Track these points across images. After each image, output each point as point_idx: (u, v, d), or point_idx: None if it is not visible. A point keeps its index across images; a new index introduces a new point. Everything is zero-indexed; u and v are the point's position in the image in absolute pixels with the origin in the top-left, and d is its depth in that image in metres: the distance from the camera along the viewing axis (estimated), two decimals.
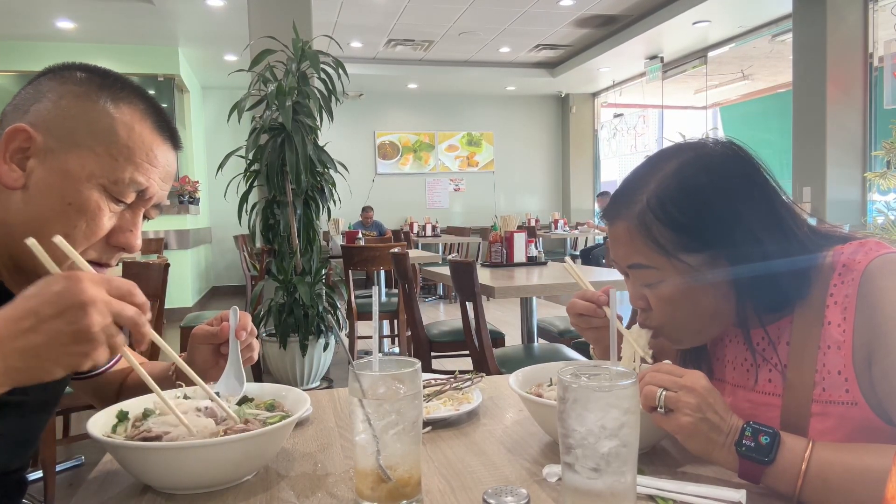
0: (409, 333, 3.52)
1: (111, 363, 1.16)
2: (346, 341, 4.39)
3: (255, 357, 1.02)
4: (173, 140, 0.91)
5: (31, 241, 0.67)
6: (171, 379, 1.06)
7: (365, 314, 4.42)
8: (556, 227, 9.63)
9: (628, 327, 0.99)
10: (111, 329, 0.64)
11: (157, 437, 0.80)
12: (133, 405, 0.90)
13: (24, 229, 0.79)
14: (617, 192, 0.96)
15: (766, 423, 0.78)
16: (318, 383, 4.30)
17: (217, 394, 0.93)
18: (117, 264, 0.92)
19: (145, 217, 0.91)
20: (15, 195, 0.81)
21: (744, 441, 0.77)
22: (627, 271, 0.95)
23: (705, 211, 0.87)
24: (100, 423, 0.85)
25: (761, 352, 0.93)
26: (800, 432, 0.82)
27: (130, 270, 2.43)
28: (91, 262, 0.85)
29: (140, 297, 0.68)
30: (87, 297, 0.62)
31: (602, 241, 9.07)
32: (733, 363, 0.98)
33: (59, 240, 0.69)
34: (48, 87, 0.85)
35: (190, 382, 0.96)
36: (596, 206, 9.82)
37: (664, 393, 0.79)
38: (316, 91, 4.11)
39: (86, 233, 0.82)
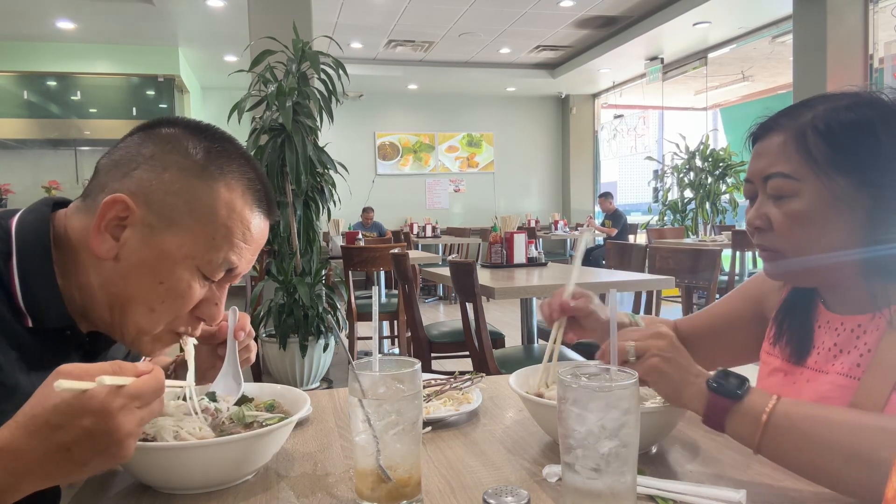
0: (409, 334, 3.52)
1: None
2: (345, 342, 4.38)
3: (253, 358, 1.02)
4: (270, 211, 0.89)
5: (59, 384, 0.62)
6: (169, 378, 1.06)
7: (365, 315, 4.42)
8: (556, 228, 9.63)
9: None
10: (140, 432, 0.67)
11: (154, 439, 0.80)
12: None
13: (112, 301, 0.79)
14: (780, 110, 0.96)
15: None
16: (317, 384, 4.30)
17: (214, 394, 0.93)
18: None
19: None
20: (105, 264, 0.80)
21: (715, 379, 0.80)
22: (759, 187, 0.94)
23: (869, 140, 0.87)
24: None
25: (858, 335, 0.91)
26: None
27: None
28: (176, 332, 0.86)
29: (162, 386, 0.68)
30: (123, 433, 0.63)
31: (602, 242, 9.08)
32: (819, 349, 0.97)
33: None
34: (151, 151, 0.81)
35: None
36: (597, 206, 9.81)
37: (634, 343, 0.83)
38: (316, 92, 4.11)
39: (172, 309, 0.81)
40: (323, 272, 4.26)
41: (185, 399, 0.90)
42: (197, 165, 0.81)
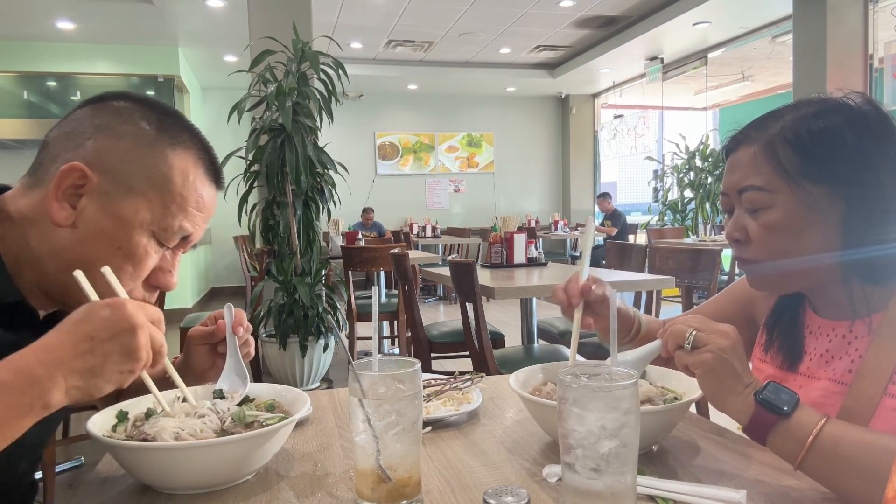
0: (409, 334, 3.52)
1: None
2: (345, 342, 4.38)
3: (252, 353, 1.02)
4: (218, 181, 0.93)
5: (79, 273, 0.74)
6: (167, 381, 1.06)
7: (365, 315, 4.42)
8: (556, 228, 9.63)
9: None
10: (151, 349, 0.72)
11: (153, 439, 0.80)
12: (133, 405, 0.90)
13: (69, 266, 0.80)
14: (750, 122, 0.96)
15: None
16: (317, 384, 4.30)
17: (220, 391, 0.93)
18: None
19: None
20: (60, 232, 0.81)
21: (764, 392, 0.78)
22: (735, 200, 0.95)
23: (837, 145, 0.87)
24: (99, 423, 0.85)
25: (846, 341, 0.91)
26: (859, 423, 0.81)
27: None
28: None
29: (163, 326, 0.75)
30: (136, 322, 0.70)
31: (602, 242, 9.08)
32: (810, 355, 0.97)
33: (106, 270, 0.77)
34: (104, 121, 0.84)
35: (189, 382, 0.96)
36: (596, 207, 9.82)
37: (696, 332, 0.81)
38: (316, 92, 4.11)
39: (131, 275, 0.84)
40: (323, 272, 4.26)
41: (183, 400, 0.91)
42: (150, 135, 0.84)
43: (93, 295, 0.74)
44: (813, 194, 0.88)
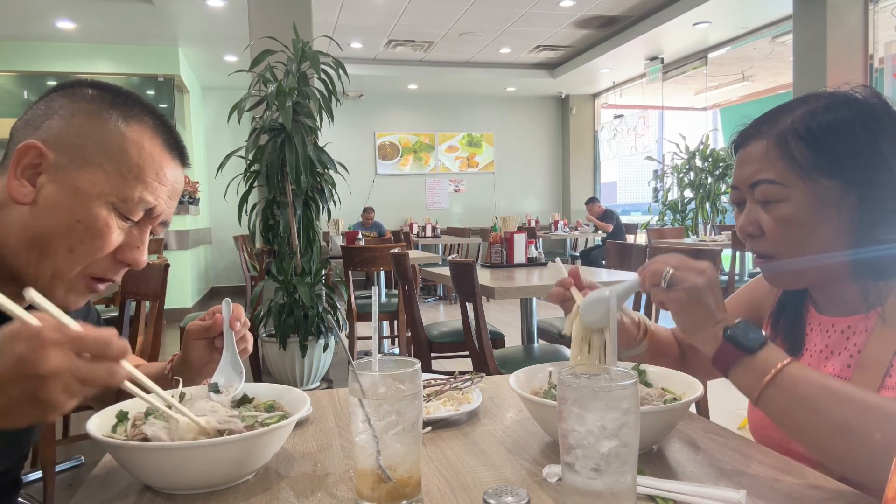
0: (409, 334, 3.52)
1: None
2: (345, 342, 4.38)
3: (250, 349, 1.02)
4: (182, 157, 0.92)
5: (28, 291, 0.62)
6: (167, 378, 1.06)
7: (365, 315, 4.41)
8: (556, 228, 9.64)
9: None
10: (76, 390, 0.60)
11: (150, 439, 0.80)
12: (133, 405, 0.90)
13: (31, 244, 0.80)
14: (759, 117, 0.97)
15: None
16: (317, 384, 4.30)
17: (216, 385, 0.93)
18: None
19: (151, 233, 0.92)
20: (20, 210, 0.82)
21: (735, 328, 0.81)
22: (746, 194, 0.95)
23: (849, 140, 0.87)
24: (99, 423, 0.85)
25: (848, 336, 0.92)
26: None
27: (130, 272, 2.42)
28: (96, 279, 0.87)
29: (115, 347, 0.62)
30: (48, 369, 0.58)
31: (601, 243, 9.08)
32: (811, 351, 0.98)
33: (32, 294, 0.62)
34: (60, 103, 0.86)
35: (188, 381, 0.96)
36: (583, 214, 9.82)
37: (671, 271, 0.83)
38: (316, 91, 4.11)
39: (91, 249, 0.83)
40: (323, 272, 4.26)
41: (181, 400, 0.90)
42: (103, 110, 0.86)
43: (22, 314, 0.61)
44: (826, 188, 0.88)
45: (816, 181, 0.88)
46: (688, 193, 8.53)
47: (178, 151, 0.91)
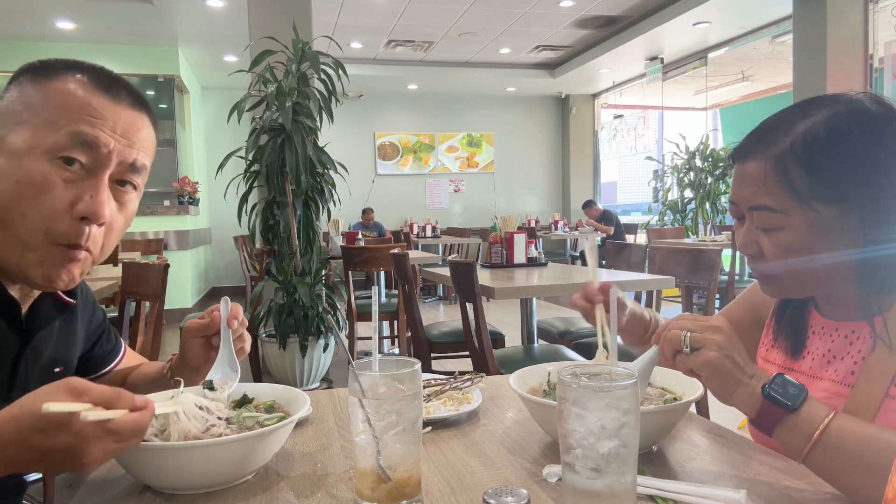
0: (409, 334, 3.52)
1: (114, 363, 1.16)
2: (345, 342, 4.38)
3: (248, 348, 1.02)
4: (130, 99, 0.88)
5: (49, 405, 0.65)
6: (166, 377, 1.06)
7: (365, 315, 4.41)
8: (556, 228, 9.64)
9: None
10: (110, 457, 0.70)
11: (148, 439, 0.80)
12: None
13: None
14: (755, 131, 0.93)
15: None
16: (317, 384, 4.29)
17: (210, 382, 0.93)
18: (115, 263, 0.93)
19: (128, 183, 0.88)
20: None
21: (772, 385, 0.77)
22: (745, 214, 0.93)
23: (851, 163, 0.84)
24: None
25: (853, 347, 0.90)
26: None
27: (130, 271, 2.42)
28: (66, 245, 0.83)
29: (146, 424, 0.71)
30: (89, 461, 0.68)
31: (601, 243, 9.08)
32: (813, 354, 0.97)
33: (49, 405, 0.65)
34: (5, 87, 0.87)
35: (187, 381, 0.96)
36: (583, 215, 9.82)
37: (689, 334, 0.80)
38: (316, 92, 4.11)
39: (40, 208, 0.80)
40: (323, 272, 4.25)
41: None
42: (31, 76, 0.86)
43: (73, 408, 0.66)
44: (826, 216, 0.86)
45: (816, 210, 0.86)
46: (688, 193, 8.54)
47: (123, 93, 0.87)
